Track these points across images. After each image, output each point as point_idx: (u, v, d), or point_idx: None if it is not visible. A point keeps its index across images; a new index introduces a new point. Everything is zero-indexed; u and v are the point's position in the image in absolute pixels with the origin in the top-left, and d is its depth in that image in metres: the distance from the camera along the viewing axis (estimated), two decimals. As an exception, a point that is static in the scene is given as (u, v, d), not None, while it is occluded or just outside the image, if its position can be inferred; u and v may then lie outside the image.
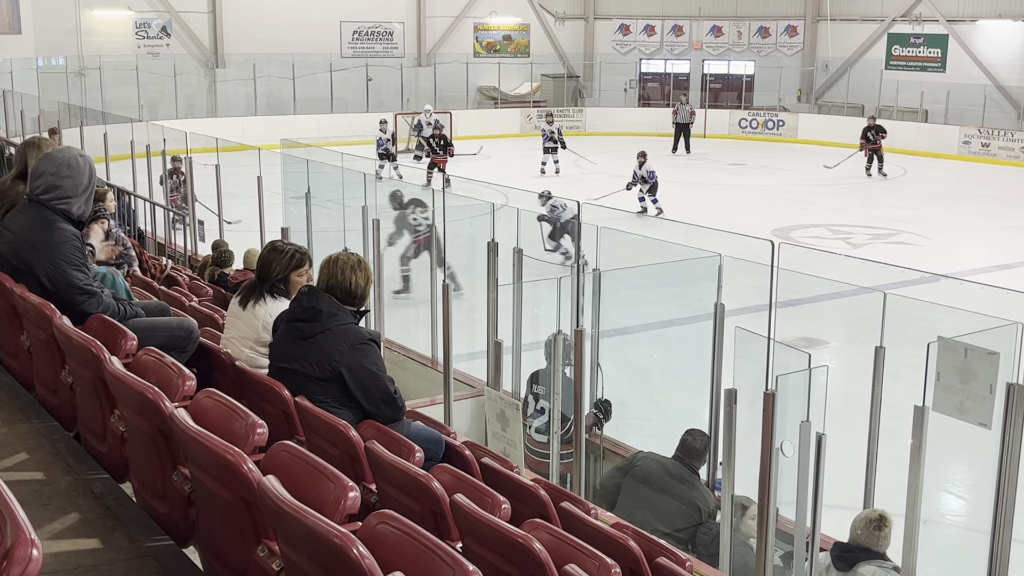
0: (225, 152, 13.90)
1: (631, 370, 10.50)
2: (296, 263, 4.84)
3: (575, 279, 7.25)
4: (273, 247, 4.96)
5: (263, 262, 4.90)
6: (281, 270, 4.81)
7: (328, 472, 2.90)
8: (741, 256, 6.74)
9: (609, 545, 3.79)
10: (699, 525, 6.42)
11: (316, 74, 30.88)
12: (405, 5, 33.74)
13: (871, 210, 20.90)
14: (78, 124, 19.24)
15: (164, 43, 30.32)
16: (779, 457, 5.45)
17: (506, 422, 7.02)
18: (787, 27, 35.09)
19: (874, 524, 5.42)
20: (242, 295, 4.88)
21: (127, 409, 3.42)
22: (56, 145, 5.16)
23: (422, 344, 9.33)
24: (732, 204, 20.93)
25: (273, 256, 4.86)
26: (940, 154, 28.78)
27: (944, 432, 5.62)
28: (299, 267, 4.84)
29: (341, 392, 4.35)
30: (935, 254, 16.81)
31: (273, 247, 4.96)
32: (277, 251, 4.89)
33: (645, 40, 36.43)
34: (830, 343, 11.68)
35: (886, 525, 5.42)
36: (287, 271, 4.81)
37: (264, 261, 4.89)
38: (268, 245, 5.05)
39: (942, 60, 31.67)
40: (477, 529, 3.21)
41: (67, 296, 4.36)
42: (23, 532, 1.80)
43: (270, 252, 4.91)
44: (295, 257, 4.85)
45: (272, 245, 5.00)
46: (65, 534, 3.12)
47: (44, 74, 26.77)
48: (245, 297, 4.84)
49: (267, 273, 4.83)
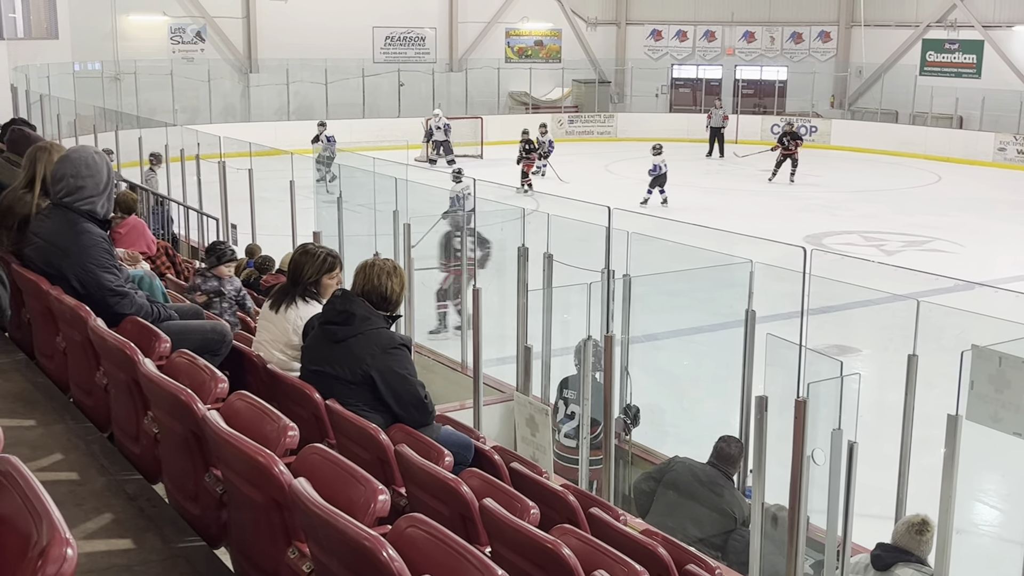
0: (258, 156, 14.01)
1: (660, 376, 10.46)
2: (328, 267, 4.86)
3: (605, 285, 7.24)
4: (305, 250, 4.98)
5: (295, 265, 4.92)
6: (313, 273, 4.82)
7: (358, 475, 2.91)
8: (773, 263, 6.72)
9: (638, 551, 3.78)
10: (732, 532, 6.39)
11: (348, 79, 31.02)
12: (437, 10, 33.84)
13: (905, 217, 20.73)
14: (113, 128, 19.43)
15: (199, 48, 30.56)
16: (810, 465, 5.42)
17: (535, 427, 7.01)
18: (820, 32, 34.88)
19: (916, 528, 5.38)
20: (274, 299, 4.91)
21: (160, 411, 3.45)
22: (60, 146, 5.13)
23: (452, 349, 9.35)
24: (764, 210, 20.83)
25: (305, 259, 4.88)
26: (975, 161, 28.50)
27: (978, 441, 5.56)
28: (331, 271, 4.87)
29: (372, 396, 4.36)
30: (969, 262, 16.65)
31: (305, 250, 4.98)
32: (309, 254, 4.91)
33: (677, 45, 36.32)
34: (862, 351, 11.59)
35: (928, 531, 5.37)
36: (319, 274, 4.83)
37: (296, 264, 4.91)
38: (299, 248, 5.09)
39: (977, 66, 31.37)
40: (506, 534, 3.21)
41: (99, 298, 4.39)
42: (58, 531, 1.82)
43: (302, 255, 4.94)
44: (327, 261, 4.87)
45: (304, 248, 5.03)
46: (99, 534, 3.14)
47: (80, 78, 27.04)
48: (277, 301, 4.87)
49: (299, 276, 4.85)
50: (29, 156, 5.01)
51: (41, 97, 21.14)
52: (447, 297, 11.80)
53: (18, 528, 1.89)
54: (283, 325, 4.77)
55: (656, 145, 21.64)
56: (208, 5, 30.26)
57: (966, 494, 6.41)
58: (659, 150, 21.39)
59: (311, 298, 4.82)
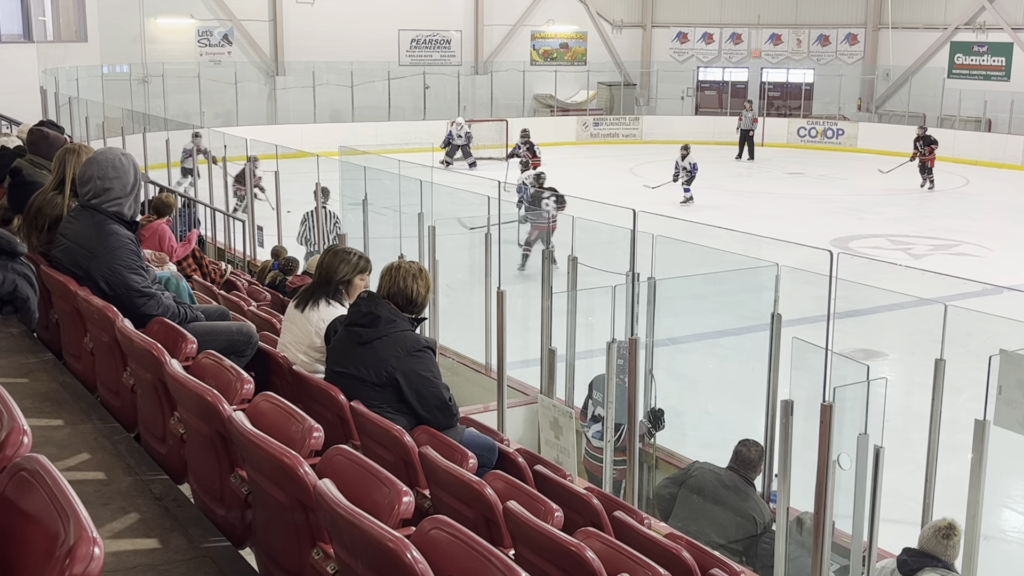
0: (285, 159, 14.07)
1: (685, 380, 10.43)
2: (361, 267, 4.90)
3: (630, 288, 7.23)
4: (334, 252, 5.01)
5: (326, 266, 4.94)
6: (349, 271, 4.85)
7: (383, 477, 2.91)
8: (799, 266, 6.69)
9: (662, 555, 3.77)
10: (755, 537, 6.36)
11: (374, 82, 31.12)
12: (463, 13, 33.88)
13: (932, 220, 20.59)
14: (141, 131, 19.56)
15: (226, 51, 30.74)
16: (836, 470, 5.39)
17: (559, 430, 7.01)
18: (847, 35, 34.68)
19: (942, 532, 5.32)
20: (300, 298, 4.93)
21: (186, 411, 3.47)
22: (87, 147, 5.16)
23: (476, 351, 9.36)
24: (790, 213, 20.74)
25: (338, 259, 4.91)
26: (1004, 164, 28.25)
27: (1006, 447, 5.52)
28: (364, 271, 4.90)
29: (396, 398, 4.37)
30: (997, 265, 16.50)
31: (334, 252, 5.01)
32: (343, 254, 4.96)
33: (703, 48, 36.21)
34: (889, 355, 11.51)
35: (955, 535, 5.32)
36: (353, 273, 4.86)
37: (327, 265, 4.93)
38: (329, 250, 5.11)
39: (1006, 69, 31.08)
40: (530, 536, 3.21)
41: (126, 299, 4.41)
42: (85, 530, 1.84)
43: (333, 257, 4.96)
44: (360, 262, 4.91)
45: (332, 250, 5.06)
46: (125, 533, 3.16)
47: (109, 81, 27.24)
48: (302, 300, 4.88)
49: (331, 276, 4.87)
50: (58, 158, 5.05)
51: (70, 99, 21.30)
52: (531, 244, 14.80)
53: (46, 527, 1.91)
54: (305, 326, 4.78)
55: (684, 145, 21.76)
56: (235, 8, 30.43)
57: (993, 500, 6.37)
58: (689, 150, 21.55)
59: (336, 300, 4.83)
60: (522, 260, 14.81)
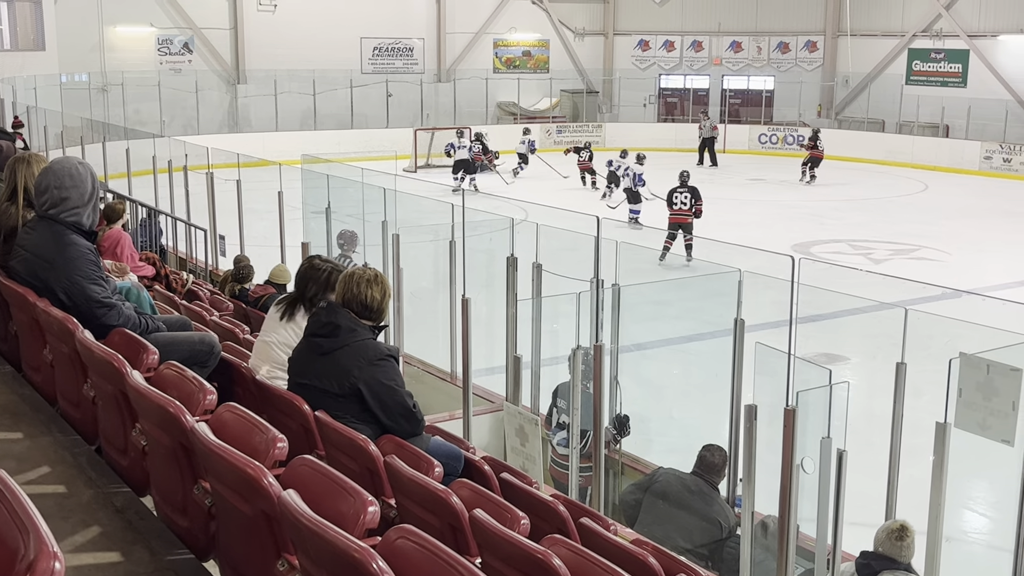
0: (246, 168, 13.97)
1: (650, 386, 10.47)
2: (332, 284, 4.84)
3: (594, 294, 7.25)
4: (311, 264, 5.02)
5: (301, 278, 4.97)
6: (318, 291, 4.88)
7: (348, 487, 2.90)
8: (761, 271, 6.73)
9: (628, 561, 3.78)
10: (720, 541, 6.38)
11: (336, 90, 31.06)
12: (425, 21, 33.90)
13: (892, 225, 20.81)
14: (101, 140, 19.38)
15: (186, 59, 30.55)
16: (799, 474, 5.43)
17: (525, 437, 7.01)
18: (807, 42, 35.04)
19: (895, 534, 5.38)
20: (283, 307, 5.00)
21: (148, 423, 3.43)
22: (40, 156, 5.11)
23: (442, 359, 9.34)
24: (752, 219, 20.89)
25: (311, 275, 4.93)
26: (961, 169, 28.64)
27: (966, 449, 5.59)
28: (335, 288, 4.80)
29: (360, 408, 4.35)
30: (956, 270, 16.71)
31: (311, 264, 5.02)
32: (315, 269, 4.96)
33: (664, 55, 36.45)
34: (851, 359, 11.62)
35: (907, 535, 5.37)
36: (324, 291, 4.87)
37: (302, 277, 4.96)
38: (307, 260, 5.11)
39: (963, 75, 31.54)
40: (496, 544, 3.20)
41: (86, 310, 4.36)
42: (45, 545, 1.81)
43: (308, 269, 4.98)
44: (332, 276, 4.88)
45: (311, 263, 5.06)
46: (86, 547, 3.13)
47: (67, 90, 26.99)
48: (287, 311, 4.96)
49: (304, 291, 4.91)
50: (9, 167, 4.98)
51: (28, 109, 21.09)
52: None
53: (5, 542, 1.88)
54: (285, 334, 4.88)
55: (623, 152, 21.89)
56: (195, 16, 30.26)
57: (955, 502, 6.43)
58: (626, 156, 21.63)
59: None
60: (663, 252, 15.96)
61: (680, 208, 17.45)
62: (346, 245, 10.72)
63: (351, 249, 10.71)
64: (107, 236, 8.43)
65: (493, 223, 9.07)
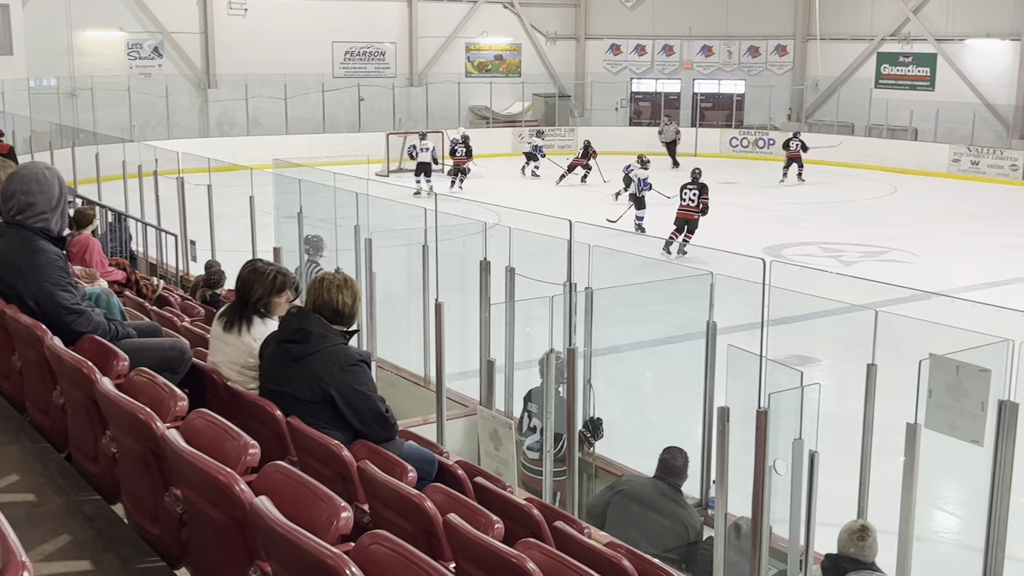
0: (217, 172, 13.91)
1: (624, 389, 10.49)
2: (278, 286, 4.67)
3: (567, 298, 7.26)
4: (254, 268, 4.74)
5: (243, 283, 4.69)
6: (264, 294, 4.63)
7: (320, 492, 2.89)
8: (733, 274, 6.76)
9: (602, 564, 3.78)
10: (690, 545, 6.37)
11: (308, 94, 30.93)
12: (397, 25, 33.84)
13: (862, 228, 20.96)
14: (70, 145, 19.24)
15: (156, 64, 30.35)
16: (772, 475, 5.46)
17: (499, 441, 7.01)
18: (777, 46, 35.26)
19: (856, 534, 5.44)
20: (227, 318, 4.70)
21: (119, 430, 3.41)
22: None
23: (415, 363, 9.32)
24: (723, 222, 20.96)
25: (254, 278, 4.67)
26: (930, 172, 28.91)
27: (937, 449, 5.63)
28: (281, 291, 4.67)
29: (332, 414, 4.32)
30: (926, 272, 16.86)
31: (254, 268, 4.74)
32: (258, 272, 4.69)
33: (636, 60, 36.57)
34: (822, 361, 11.69)
35: (869, 535, 5.43)
36: (269, 295, 4.64)
37: (244, 282, 4.69)
38: (248, 265, 4.80)
39: (931, 79, 31.83)
40: (470, 549, 3.20)
41: (55, 316, 4.33)
42: (14, 554, 1.80)
43: (250, 273, 4.70)
44: (276, 279, 4.67)
45: (252, 266, 4.77)
46: (56, 556, 3.10)
47: (36, 95, 26.75)
48: (230, 321, 4.67)
49: (248, 295, 4.66)
50: None
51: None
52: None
53: (-28, 552, 1.86)
54: (238, 346, 4.61)
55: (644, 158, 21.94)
56: (165, 20, 30.07)
57: (926, 502, 6.48)
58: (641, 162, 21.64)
59: (266, 316, 4.66)
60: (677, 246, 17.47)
61: (687, 204, 18.46)
62: (312, 251, 10.65)
63: (318, 254, 10.64)
64: (75, 242, 8.36)
65: (466, 227, 9.06)
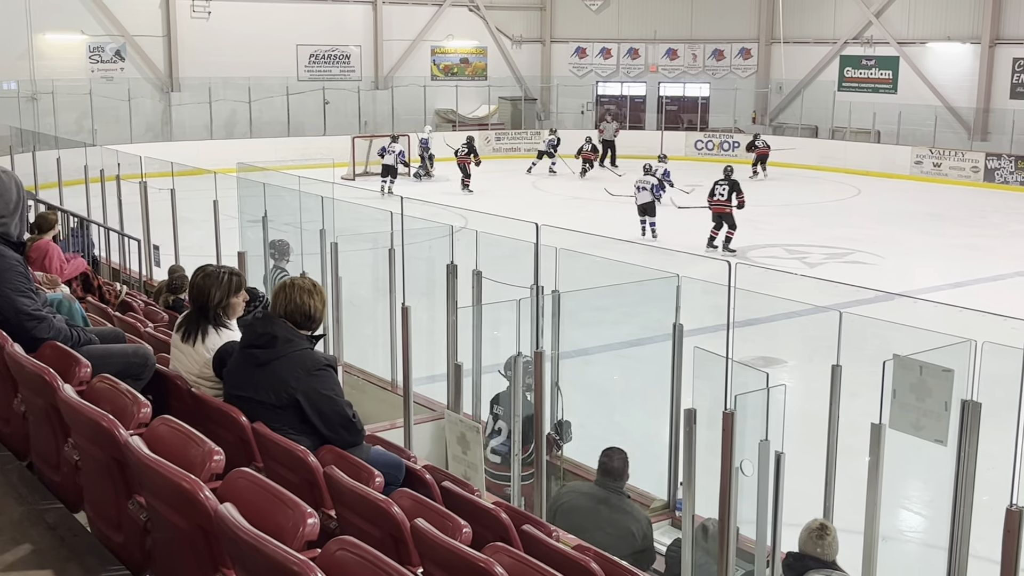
0: (180, 176, 13.80)
1: (591, 391, 10.52)
2: (235, 286, 4.66)
3: (534, 301, 7.26)
4: (206, 273, 4.70)
5: (199, 290, 4.65)
6: (222, 296, 4.62)
7: (286, 499, 2.87)
8: (699, 276, 6.79)
9: (570, 567, 3.78)
10: (639, 553, 6.24)
11: (272, 97, 30.80)
12: (362, 28, 33.76)
13: (826, 230, 21.14)
14: (30, 149, 19.03)
15: (118, 67, 30.09)
16: (739, 476, 5.48)
17: (467, 445, 6.99)
18: (741, 50, 35.50)
19: (816, 533, 5.49)
20: (184, 328, 4.67)
21: (81, 437, 3.37)
22: None
23: (382, 368, 9.29)
24: (689, 225, 21.06)
25: (210, 282, 4.64)
26: (893, 174, 29.21)
27: (901, 449, 5.68)
28: (238, 290, 4.68)
29: (298, 419, 4.30)
30: (889, 273, 17.03)
31: (206, 273, 4.70)
32: (212, 276, 4.65)
33: (601, 63, 36.70)
34: (788, 362, 11.77)
35: (828, 534, 5.49)
36: (228, 296, 4.63)
37: (200, 288, 4.64)
38: (199, 272, 4.76)
39: (893, 82, 32.17)
40: (438, 554, 3.19)
41: (16, 323, 4.28)
42: (-27, 565, 1.77)
43: (204, 278, 4.66)
44: (232, 280, 4.66)
45: (204, 271, 4.74)
46: (17, 565, 3.06)
47: (-5, 99, 26.48)
48: (187, 331, 4.64)
49: (206, 301, 4.62)
50: None
51: (-46, 118, 20.66)
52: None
53: (-70, 563, 1.83)
54: (194, 356, 4.59)
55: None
56: (127, 23, 29.82)
57: (891, 501, 6.53)
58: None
59: (220, 325, 4.63)
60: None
61: (719, 199, 18.98)
62: (278, 255, 10.59)
63: (284, 259, 10.57)
64: (35, 247, 8.26)
65: (432, 231, 9.05)
